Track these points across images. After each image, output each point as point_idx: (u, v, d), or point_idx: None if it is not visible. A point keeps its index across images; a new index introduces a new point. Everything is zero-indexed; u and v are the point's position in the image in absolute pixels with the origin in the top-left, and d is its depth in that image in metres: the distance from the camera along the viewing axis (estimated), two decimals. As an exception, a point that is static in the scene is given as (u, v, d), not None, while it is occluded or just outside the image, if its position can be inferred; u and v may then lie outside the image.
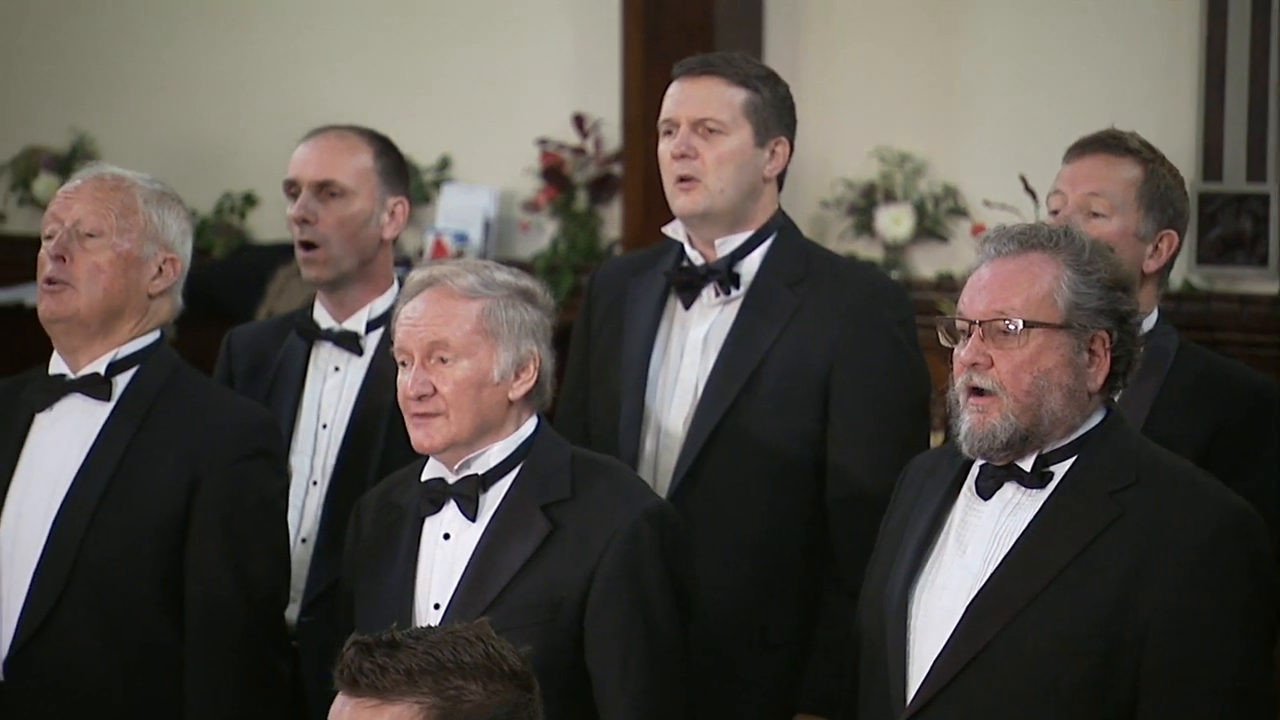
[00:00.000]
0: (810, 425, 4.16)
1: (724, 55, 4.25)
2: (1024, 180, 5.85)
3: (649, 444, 4.21)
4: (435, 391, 3.70)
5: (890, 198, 6.71)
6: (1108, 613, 3.36)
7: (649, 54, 6.61)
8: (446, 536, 3.75)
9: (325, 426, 4.42)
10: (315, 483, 4.40)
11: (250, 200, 7.43)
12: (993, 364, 3.45)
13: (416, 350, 3.72)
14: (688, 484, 4.14)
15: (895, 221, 6.69)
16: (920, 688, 3.44)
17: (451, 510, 3.75)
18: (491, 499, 3.73)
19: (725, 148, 4.17)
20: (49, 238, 4.01)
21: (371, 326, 4.45)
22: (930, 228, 6.70)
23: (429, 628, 2.90)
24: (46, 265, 3.98)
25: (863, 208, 6.74)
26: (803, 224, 4.54)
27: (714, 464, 4.14)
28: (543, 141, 7.04)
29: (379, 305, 4.46)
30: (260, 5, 7.42)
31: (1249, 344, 6.21)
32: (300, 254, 4.45)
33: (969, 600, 3.44)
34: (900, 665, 3.48)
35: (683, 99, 4.19)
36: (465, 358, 3.71)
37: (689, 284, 4.23)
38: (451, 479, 3.76)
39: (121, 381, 4.00)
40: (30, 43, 7.65)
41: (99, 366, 4.00)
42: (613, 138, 6.95)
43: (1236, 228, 6.31)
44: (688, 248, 4.25)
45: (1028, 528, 3.45)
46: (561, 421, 4.33)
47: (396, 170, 4.51)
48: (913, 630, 3.49)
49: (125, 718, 3.93)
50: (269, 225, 7.34)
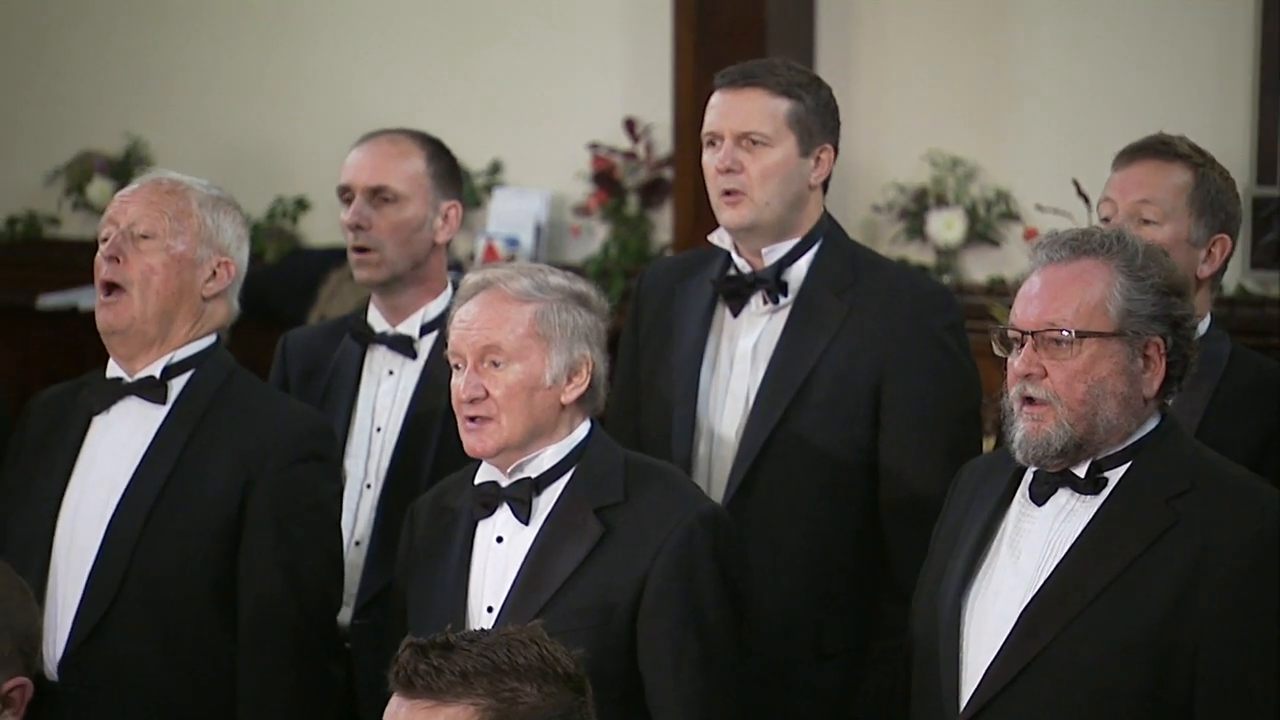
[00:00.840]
0: (862, 433, 4.15)
1: (766, 63, 4.22)
2: (1076, 184, 5.82)
3: (701, 453, 4.20)
4: (487, 395, 3.70)
5: (942, 202, 6.69)
6: (1162, 619, 3.35)
7: (700, 58, 6.61)
8: (500, 540, 3.75)
9: (379, 430, 4.43)
10: (369, 486, 4.41)
11: (302, 204, 7.45)
12: (1046, 374, 3.44)
13: (469, 353, 3.73)
14: (742, 493, 4.13)
15: (947, 226, 6.68)
16: (974, 694, 3.43)
17: (505, 513, 3.75)
18: (545, 502, 3.74)
19: (770, 160, 4.15)
20: (105, 240, 4.03)
21: (425, 330, 4.46)
22: (982, 232, 6.68)
23: (483, 630, 2.91)
24: (102, 267, 4.01)
25: (914, 212, 6.73)
26: (854, 228, 4.54)
27: (767, 473, 4.13)
28: (594, 146, 7.05)
29: (432, 309, 4.47)
30: (313, 11, 7.44)
31: (1302, 349, 6.18)
32: (353, 256, 4.47)
33: (1022, 607, 3.43)
34: (954, 672, 3.47)
35: (726, 111, 4.17)
36: (517, 361, 3.71)
37: (736, 292, 4.22)
38: (505, 482, 3.76)
39: (177, 385, 4.02)
40: (85, 48, 7.69)
41: (155, 370, 4.01)
42: (664, 142, 6.95)
43: (1291, 232, 6.28)
44: (734, 256, 4.25)
45: (1082, 534, 3.44)
46: (613, 424, 4.33)
47: (449, 174, 4.52)
48: (966, 637, 3.48)
49: (177, 719, 3.95)
50: (321, 229, 7.36)
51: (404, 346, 4.46)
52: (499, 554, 3.74)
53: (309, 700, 3.98)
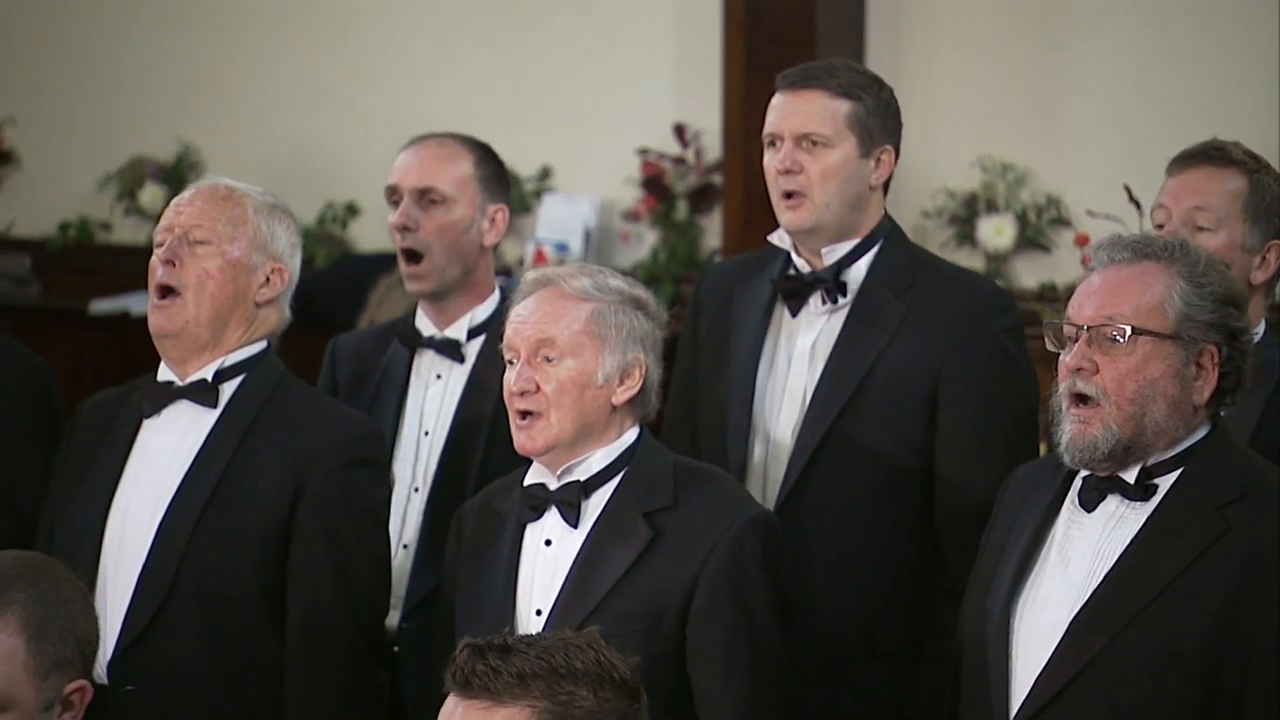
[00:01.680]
0: (918, 434, 4.14)
1: (827, 65, 4.22)
2: (1128, 190, 5.80)
3: (757, 452, 4.20)
4: (538, 389, 3.71)
5: (992, 207, 6.68)
6: (1213, 628, 3.33)
7: (750, 64, 6.61)
8: (548, 543, 3.76)
9: (427, 434, 4.44)
10: (417, 489, 4.42)
11: (352, 210, 7.47)
12: (1097, 370, 3.43)
13: (523, 347, 3.73)
14: (796, 493, 4.13)
15: (997, 231, 6.66)
16: (1024, 703, 3.42)
17: (553, 517, 3.76)
18: (593, 506, 3.74)
19: (830, 161, 4.16)
20: (160, 244, 4.05)
21: (473, 334, 4.47)
22: (1032, 238, 6.67)
23: (540, 634, 2.91)
24: (157, 271, 4.02)
25: (964, 218, 6.72)
26: (904, 234, 4.52)
27: (822, 473, 4.13)
28: (643, 151, 7.05)
29: (480, 313, 4.48)
30: (365, 17, 7.46)
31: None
32: (405, 268, 4.48)
33: (1072, 615, 3.42)
34: (1003, 680, 3.46)
35: (786, 112, 4.18)
36: (570, 357, 3.72)
37: (796, 292, 4.22)
38: (553, 485, 3.76)
39: (228, 389, 4.03)
40: (136, 54, 7.73)
41: (206, 373, 4.03)
42: (713, 147, 6.95)
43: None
44: (794, 256, 4.25)
45: (1132, 542, 3.43)
46: (669, 426, 4.33)
47: (497, 178, 4.53)
48: (1015, 645, 3.47)
49: (226, 722, 3.97)
50: (371, 235, 7.38)
51: (452, 350, 4.47)
52: (548, 557, 3.74)
53: (357, 704, 3.98)
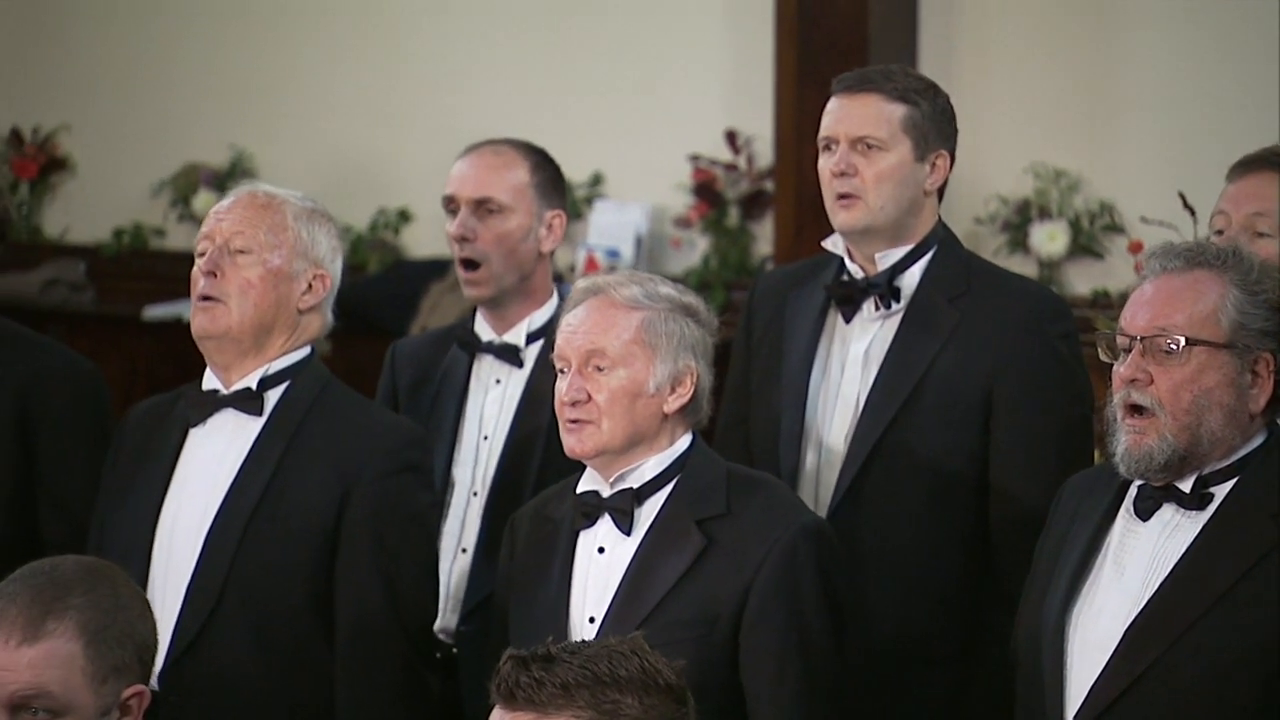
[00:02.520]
0: (972, 440, 4.13)
1: (883, 69, 4.22)
2: (1182, 197, 5.76)
3: (810, 459, 4.19)
4: (590, 399, 3.71)
5: (1045, 214, 6.66)
6: (1269, 638, 3.32)
7: (802, 71, 6.60)
8: (601, 550, 3.75)
9: (486, 438, 4.45)
10: (475, 493, 4.43)
11: (405, 216, 7.49)
12: (1152, 381, 3.42)
13: (574, 357, 3.73)
14: (849, 499, 4.12)
15: (1050, 238, 6.64)
16: (1079, 712, 3.41)
17: (606, 524, 3.75)
18: (646, 513, 3.74)
19: (884, 164, 4.15)
20: (201, 254, 4.05)
21: (531, 339, 4.47)
22: (1085, 244, 6.65)
23: (584, 642, 2.90)
24: (199, 282, 4.03)
25: (1017, 224, 6.70)
26: (956, 241, 4.51)
27: (875, 479, 4.12)
28: (695, 158, 7.05)
29: (538, 317, 4.48)
30: (417, 24, 7.48)
31: None
32: (462, 274, 4.48)
33: (1127, 624, 3.41)
34: (1058, 689, 3.45)
35: (841, 116, 4.18)
36: (622, 367, 3.72)
37: (849, 297, 4.21)
38: (606, 492, 3.76)
39: (273, 396, 4.03)
40: (191, 60, 7.76)
41: (251, 381, 4.03)
42: (765, 154, 6.94)
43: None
44: (848, 261, 4.24)
45: (1187, 550, 3.41)
46: (722, 434, 4.33)
47: (553, 183, 4.53)
48: (1070, 654, 3.46)
49: (276, 730, 3.97)
50: (423, 241, 7.39)
51: (510, 355, 4.47)
52: (600, 564, 3.74)
53: (407, 711, 3.98)
